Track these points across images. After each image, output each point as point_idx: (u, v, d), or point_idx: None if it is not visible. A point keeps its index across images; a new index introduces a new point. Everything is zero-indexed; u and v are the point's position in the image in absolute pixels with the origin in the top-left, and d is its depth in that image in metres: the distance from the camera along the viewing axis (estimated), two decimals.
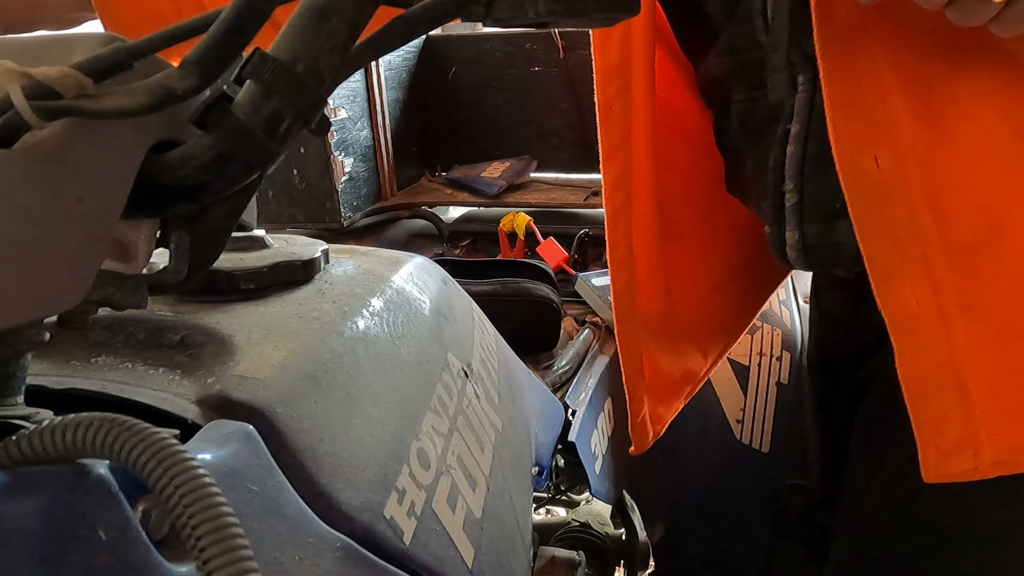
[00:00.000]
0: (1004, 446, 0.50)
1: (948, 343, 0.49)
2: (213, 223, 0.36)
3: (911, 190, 0.48)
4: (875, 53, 0.47)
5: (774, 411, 1.14)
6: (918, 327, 0.50)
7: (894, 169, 0.48)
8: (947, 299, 0.49)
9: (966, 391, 0.50)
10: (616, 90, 0.63)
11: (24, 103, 0.26)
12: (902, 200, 0.48)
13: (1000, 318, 0.49)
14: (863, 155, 0.49)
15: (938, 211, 0.48)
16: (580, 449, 0.93)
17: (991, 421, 0.50)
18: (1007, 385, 0.50)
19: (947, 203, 0.48)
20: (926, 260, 0.49)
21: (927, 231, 0.48)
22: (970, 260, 0.48)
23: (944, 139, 0.47)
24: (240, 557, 0.24)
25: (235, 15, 0.29)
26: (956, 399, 0.50)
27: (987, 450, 0.50)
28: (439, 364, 0.55)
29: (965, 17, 0.39)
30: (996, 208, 0.47)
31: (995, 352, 0.49)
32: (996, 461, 0.50)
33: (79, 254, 0.28)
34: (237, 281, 0.49)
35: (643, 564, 1.10)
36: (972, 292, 0.49)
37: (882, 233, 0.50)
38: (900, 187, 0.48)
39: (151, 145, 0.31)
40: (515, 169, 1.70)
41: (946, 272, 0.48)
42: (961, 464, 0.51)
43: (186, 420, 0.35)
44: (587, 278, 1.27)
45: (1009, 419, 0.50)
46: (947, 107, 0.47)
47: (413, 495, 0.44)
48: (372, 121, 1.53)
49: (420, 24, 0.33)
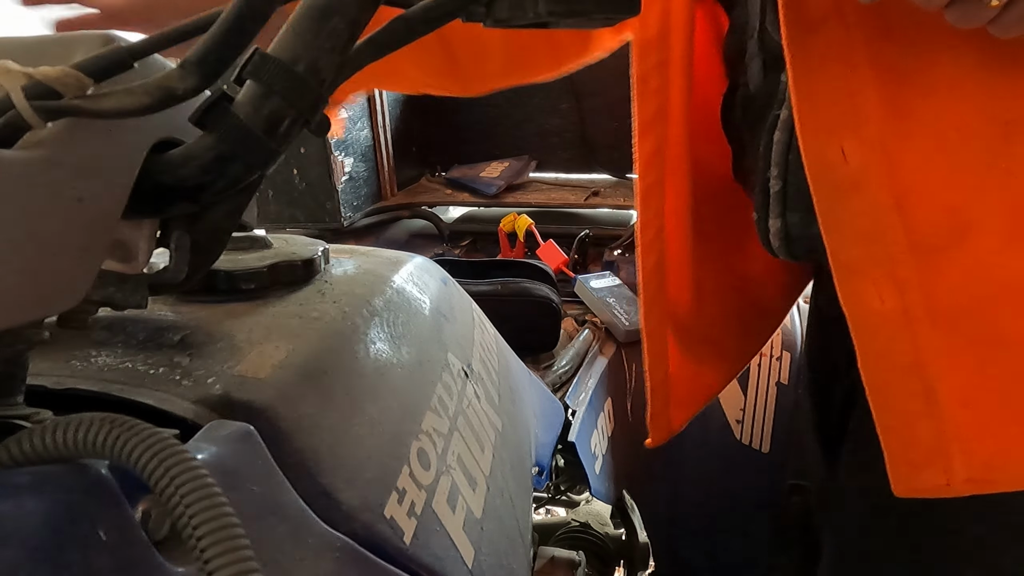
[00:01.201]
0: (977, 462, 0.47)
1: (914, 347, 0.47)
2: (213, 223, 0.36)
3: (878, 185, 0.46)
4: (851, 42, 0.45)
5: (774, 411, 1.14)
6: (882, 328, 0.48)
7: (861, 162, 0.46)
8: (913, 300, 0.47)
9: (935, 399, 0.47)
10: (653, 64, 0.62)
11: (24, 103, 0.26)
12: (868, 195, 0.47)
13: (970, 324, 0.46)
14: (830, 147, 0.47)
15: (905, 208, 0.46)
16: (580, 449, 0.93)
17: (963, 433, 0.47)
18: (979, 396, 0.47)
19: (915, 200, 0.46)
20: (891, 259, 0.47)
21: (893, 228, 0.46)
22: (937, 261, 0.46)
23: (916, 133, 0.46)
24: (241, 557, 0.24)
25: (235, 15, 0.29)
26: (923, 406, 0.47)
27: (960, 465, 0.47)
28: (439, 364, 0.55)
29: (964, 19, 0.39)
30: (967, 208, 0.45)
31: (966, 360, 0.47)
32: (969, 478, 0.47)
33: (79, 254, 0.28)
34: (237, 281, 0.49)
35: (643, 564, 1.10)
36: (940, 295, 0.46)
37: (847, 228, 0.48)
38: (867, 181, 0.46)
39: (151, 145, 0.31)
40: (514, 169, 1.70)
41: (912, 272, 0.46)
42: (933, 479, 0.48)
43: (186, 420, 0.35)
44: (586, 280, 1.27)
45: (983, 432, 0.47)
46: (923, 100, 0.45)
47: (413, 495, 0.44)
48: (372, 121, 1.53)
49: (420, 24, 0.33)
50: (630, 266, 1.42)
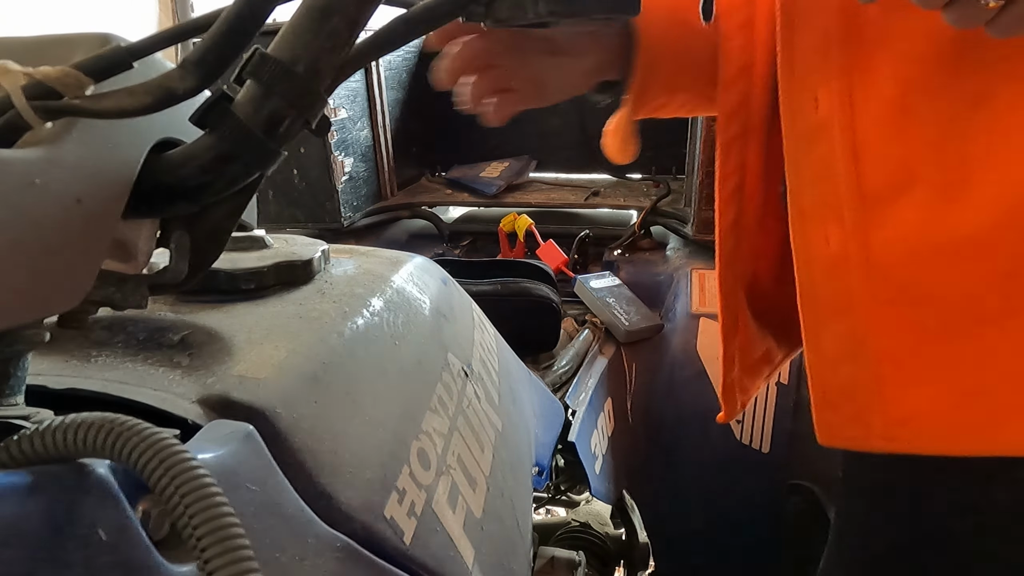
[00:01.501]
0: (893, 418, 0.48)
1: (847, 292, 0.48)
2: (213, 223, 0.36)
3: (840, 132, 0.48)
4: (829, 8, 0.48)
5: (774, 411, 1.14)
6: (822, 269, 0.50)
7: (828, 110, 0.49)
8: (853, 247, 0.48)
9: (861, 348, 0.48)
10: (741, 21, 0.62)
11: (24, 103, 0.26)
12: (830, 140, 0.49)
13: (901, 278, 0.47)
14: (804, 95, 0.50)
15: (860, 157, 0.48)
16: (580, 449, 0.93)
17: (883, 387, 0.48)
18: (902, 352, 0.48)
19: (870, 151, 0.48)
20: (840, 204, 0.49)
21: (847, 175, 0.48)
22: (881, 211, 0.47)
23: (883, 89, 0.47)
24: (241, 557, 0.24)
25: (235, 15, 0.29)
26: (848, 351, 0.49)
27: (877, 419, 0.48)
28: (439, 364, 0.55)
29: (962, 19, 0.39)
30: (915, 164, 0.46)
31: (893, 313, 0.48)
32: (885, 434, 0.48)
33: (79, 254, 0.28)
34: (237, 281, 0.49)
35: (643, 564, 1.10)
36: (877, 245, 0.47)
37: (806, 171, 0.51)
38: (830, 128, 0.49)
39: (151, 145, 0.31)
40: (514, 169, 1.70)
41: (856, 219, 0.48)
42: (850, 428, 0.49)
43: (186, 420, 0.35)
44: (586, 280, 1.27)
45: (902, 388, 0.48)
46: (894, 61, 0.47)
47: (413, 495, 0.44)
48: (372, 121, 1.52)
49: (420, 24, 0.33)
50: (630, 266, 1.42)
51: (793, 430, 1.14)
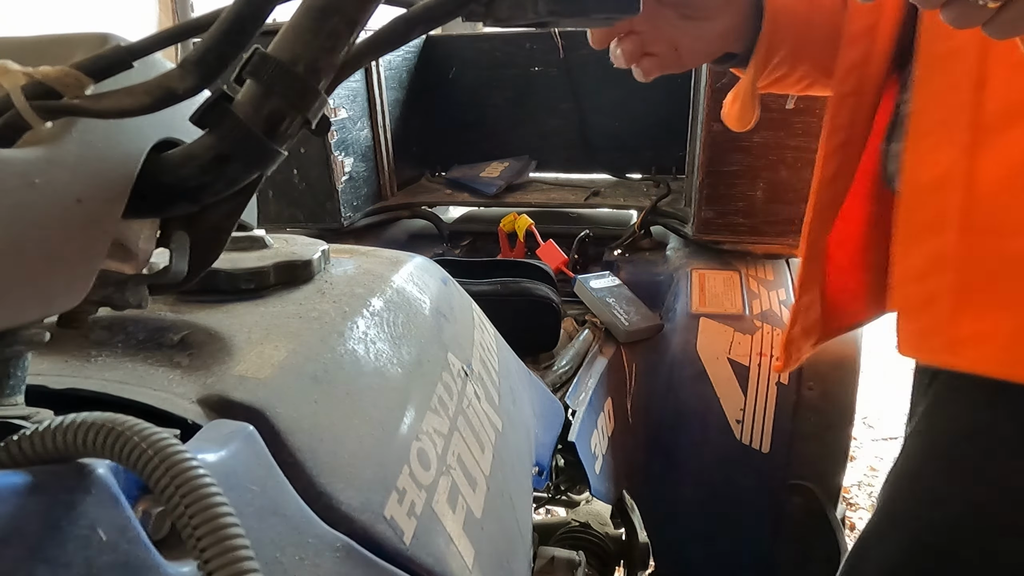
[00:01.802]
0: (961, 335, 0.51)
1: (945, 215, 0.51)
2: (213, 223, 0.36)
3: (973, 55, 0.51)
4: None
5: (774, 411, 1.14)
6: (927, 184, 0.53)
7: (964, 38, 0.51)
8: (958, 169, 0.51)
9: (947, 267, 0.51)
10: None
11: (24, 103, 0.26)
12: (963, 62, 0.51)
13: (998, 208, 0.50)
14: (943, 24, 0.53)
15: (984, 85, 0.50)
16: (580, 449, 0.93)
17: (959, 304, 0.51)
18: (981, 279, 0.51)
19: (994, 80, 0.50)
20: (957, 126, 0.51)
21: (971, 100, 0.51)
22: (994, 138, 0.50)
23: None
24: (240, 557, 0.24)
25: (235, 15, 0.29)
26: (936, 267, 0.52)
27: (946, 333, 0.51)
28: (439, 364, 0.55)
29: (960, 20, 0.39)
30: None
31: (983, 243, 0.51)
32: (949, 349, 0.51)
33: (79, 254, 0.28)
34: (237, 281, 0.49)
35: (643, 564, 1.10)
36: (981, 171, 0.50)
37: (935, 89, 0.53)
38: (964, 52, 0.51)
39: (151, 145, 0.31)
40: (514, 169, 1.70)
41: (967, 142, 0.51)
42: (926, 341, 0.53)
43: (186, 420, 0.35)
44: (586, 280, 1.27)
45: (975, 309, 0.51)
46: None
47: (413, 495, 0.44)
48: (372, 121, 1.52)
49: (420, 24, 0.33)
50: (630, 266, 1.42)
51: (793, 430, 1.14)
